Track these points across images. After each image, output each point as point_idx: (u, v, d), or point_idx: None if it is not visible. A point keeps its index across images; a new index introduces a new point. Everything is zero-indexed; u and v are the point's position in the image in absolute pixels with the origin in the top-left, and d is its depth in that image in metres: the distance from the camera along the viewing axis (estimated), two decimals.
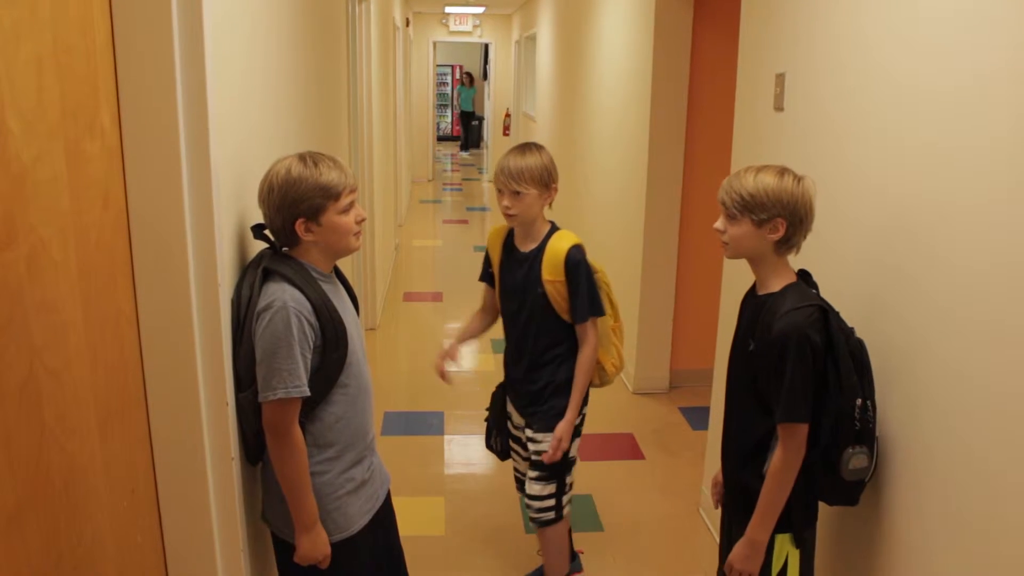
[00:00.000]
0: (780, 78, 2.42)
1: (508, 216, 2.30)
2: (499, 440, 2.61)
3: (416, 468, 3.56)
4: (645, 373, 4.39)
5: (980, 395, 1.53)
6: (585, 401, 2.43)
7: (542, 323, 2.34)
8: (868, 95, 1.94)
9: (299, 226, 1.67)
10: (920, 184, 1.73)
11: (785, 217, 1.73)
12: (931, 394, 1.68)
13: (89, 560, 1.27)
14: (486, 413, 2.64)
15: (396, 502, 2.03)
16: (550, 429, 2.34)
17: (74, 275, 1.23)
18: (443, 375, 2.55)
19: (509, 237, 2.43)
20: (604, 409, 4.22)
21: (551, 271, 2.28)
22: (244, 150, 1.80)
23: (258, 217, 1.79)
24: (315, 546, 1.73)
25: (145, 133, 1.43)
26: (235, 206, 1.72)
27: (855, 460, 1.72)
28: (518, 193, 2.25)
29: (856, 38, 2.00)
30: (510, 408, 2.55)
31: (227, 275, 1.63)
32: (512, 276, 2.38)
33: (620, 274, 4.64)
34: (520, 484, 2.61)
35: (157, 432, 1.55)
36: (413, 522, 3.05)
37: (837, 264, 2.09)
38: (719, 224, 1.83)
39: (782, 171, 1.77)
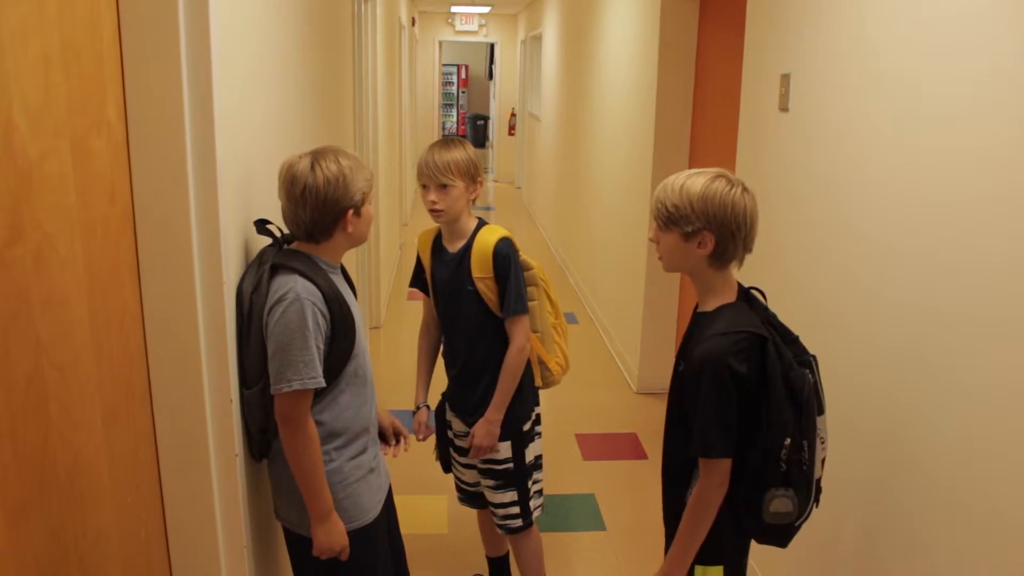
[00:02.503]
0: (785, 78, 2.42)
1: (435, 213, 2.21)
2: (437, 451, 2.53)
3: (418, 466, 3.55)
4: (648, 372, 4.39)
5: (984, 395, 1.53)
6: (536, 401, 2.37)
7: (477, 325, 2.26)
8: (872, 96, 1.94)
9: (349, 217, 1.70)
10: (923, 184, 1.73)
11: (712, 230, 1.58)
12: (937, 395, 1.68)
13: (93, 554, 1.28)
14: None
15: (399, 500, 2.04)
16: (502, 436, 2.28)
17: (80, 271, 1.24)
18: (423, 438, 2.50)
19: (438, 239, 2.36)
20: (607, 409, 4.22)
21: (480, 267, 2.20)
22: (250, 147, 1.81)
23: (263, 212, 1.80)
24: (331, 537, 1.73)
25: (151, 130, 1.44)
26: (240, 203, 1.73)
27: (777, 503, 1.56)
28: (444, 187, 2.16)
29: (860, 39, 2.00)
30: (450, 416, 2.46)
31: (232, 271, 1.64)
32: (442, 278, 2.31)
33: (624, 273, 4.65)
34: (466, 497, 2.52)
35: (161, 428, 1.55)
36: (416, 520, 3.06)
37: (839, 264, 2.09)
38: (651, 234, 1.70)
39: (714, 177, 1.59)
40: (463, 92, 18.48)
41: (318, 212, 1.68)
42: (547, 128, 8.75)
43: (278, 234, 1.78)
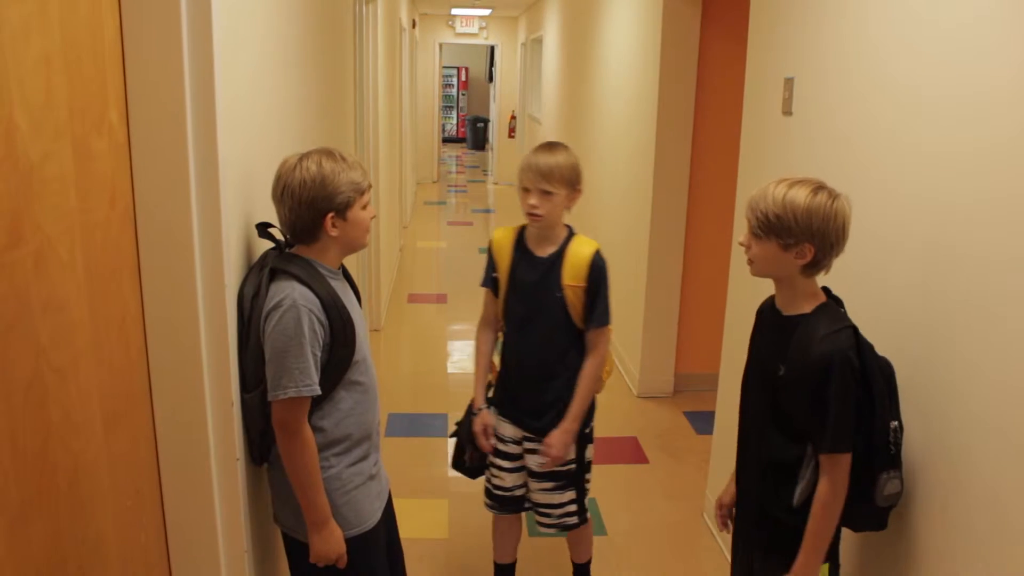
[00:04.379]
0: (788, 82, 2.41)
1: (533, 217, 2.19)
2: (474, 456, 2.44)
3: (420, 470, 3.55)
4: (650, 377, 4.38)
5: (1002, 400, 1.52)
6: (593, 407, 2.37)
7: (557, 329, 2.26)
8: (875, 100, 1.93)
9: (328, 221, 1.67)
10: (927, 188, 1.72)
11: (814, 243, 1.61)
12: (944, 400, 1.67)
13: (93, 559, 1.27)
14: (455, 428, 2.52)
15: (399, 504, 2.03)
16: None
17: (81, 274, 1.23)
18: (491, 446, 2.40)
19: (520, 240, 2.32)
20: (608, 413, 4.21)
21: (573, 275, 2.21)
22: (251, 149, 1.80)
23: (264, 216, 1.79)
24: (329, 544, 1.72)
25: (153, 131, 1.43)
26: (242, 205, 1.72)
27: (890, 486, 1.65)
28: (548, 193, 2.15)
29: (863, 43, 1.99)
30: (498, 420, 2.40)
31: (234, 274, 1.63)
32: (530, 279, 2.27)
33: (625, 277, 4.63)
34: (500, 502, 2.44)
35: (162, 432, 1.54)
36: (416, 524, 3.04)
37: (841, 267, 2.08)
38: (743, 239, 1.71)
39: (816, 188, 1.61)
40: (463, 94, 18.49)
41: (294, 213, 1.68)
42: (547, 131, 8.75)
43: (280, 238, 1.77)
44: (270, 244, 1.78)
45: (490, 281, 2.39)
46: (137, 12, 1.39)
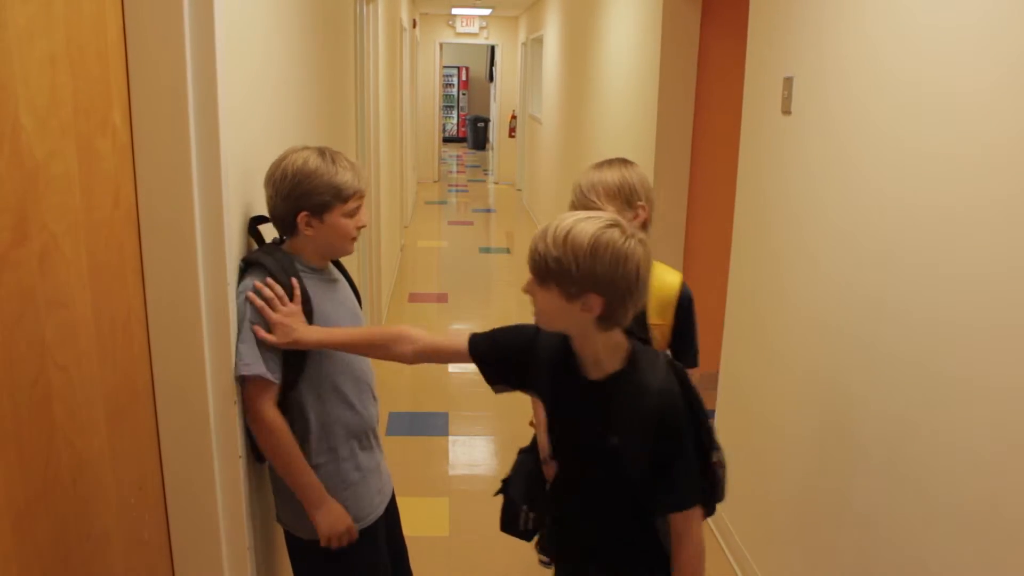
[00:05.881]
0: (788, 82, 2.42)
1: None
2: (532, 518, 1.91)
3: (420, 469, 3.56)
4: None
5: (984, 396, 1.53)
6: None
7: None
8: (875, 100, 1.94)
9: (301, 219, 1.67)
10: (926, 188, 1.73)
11: (601, 293, 1.34)
12: (940, 404, 1.68)
13: (97, 556, 1.28)
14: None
15: (400, 502, 2.04)
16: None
17: (85, 272, 1.24)
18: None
19: None
20: None
21: (659, 312, 1.88)
22: (254, 149, 1.81)
23: (266, 214, 1.80)
24: (333, 519, 1.72)
25: (156, 131, 1.44)
26: (244, 204, 1.73)
27: (718, 457, 1.53)
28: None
29: (863, 43, 2.00)
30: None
31: (235, 273, 1.64)
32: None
33: None
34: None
35: (165, 429, 1.55)
36: (417, 523, 3.05)
37: (841, 267, 2.09)
38: (525, 285, 1.42)
39: (608, 225, 1.34)
40: (463, 94, 18.50)
41: (272, 202, 1.70)
42: (548, 130, 8.76)
43: (273, 225, 1.77)
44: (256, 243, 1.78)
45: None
46: (140, 13, 1.39)
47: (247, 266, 1.68)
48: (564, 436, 1.59)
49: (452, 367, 4.75)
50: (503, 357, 1.59)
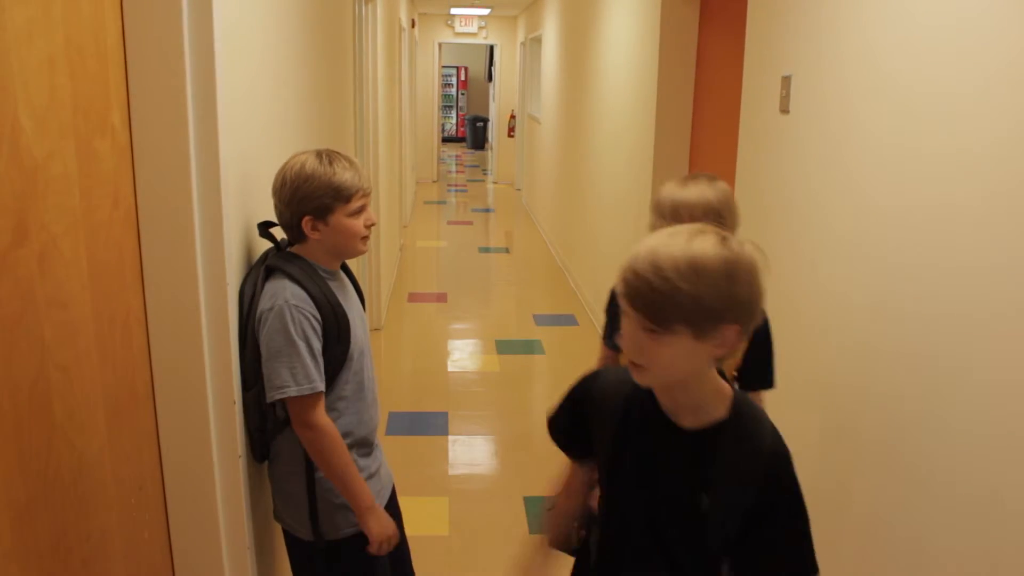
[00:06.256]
0: (786, 80, 2.43)
1: None
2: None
3: (420, 468, 3.57)
4: None
5: (984, 396, 1.53)
6: None
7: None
8: (873, 99, 1.95)
9: (306, 223, 1.67)
10: (924, 187, 1.73)
11: (739, 320, 1.12)
12: (940, 400, 1.68)
13: (97, 556, 1.28)
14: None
15: (400, 502, 2.04)
16: None
17: (84, 273, 1.24)
18: None
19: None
20: None
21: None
22: (252, 149, 1.81)
23: (265, 215, 1.80)
24: (384, 524, 1.75)
25: (155, 132, 1.44)
26: (243, 205, 1.73)
27: None
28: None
29: (861, 42, 2.01)
30: None
31: (235, 274, 1.64)
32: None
33: None
34: None
35: (164, 429, 1.56)
36: (417, 522, 3.06)
37: (840, 266, 2.09)
38: (632, 340, 1.15)
39: (721, 238, 1.12)
40: (462, 94, 18.49)
41: (278, 210, 1.71)
42: (547, 130, 8.76)
43: (280, 236, 1.78)
44: (271, 243, 1.79)
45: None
46: (139, 14, 1.40)
47: (269, 272, 1.68)
48: (632, 497, 1.30)
49: (451, 367, 4.76)
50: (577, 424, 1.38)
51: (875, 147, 1.94)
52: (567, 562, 1.58)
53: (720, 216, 1.61)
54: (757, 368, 1.66)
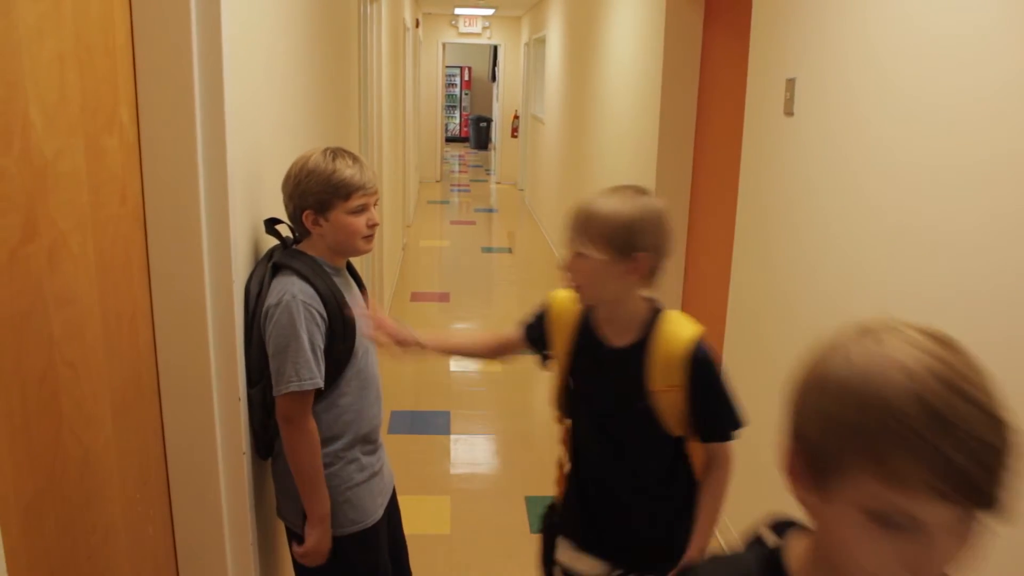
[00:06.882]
0: (790, 83, 2.43)
1: (573, 288, 1.61)
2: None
3: (422, 467, 3.57)
4: None
5: None
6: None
7: (642, 447, 1.63)
8: (877, 102, 1.95)
9: (307, 217, 1.70)
10: (927, 190, 1.74)
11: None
12: None
13: (102, 550, 1.29)
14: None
15: (401, 501, 2.05)
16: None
17: (92, 269, 1.25)
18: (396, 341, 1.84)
19: (586, 317, 1.67)
20: None
21: (664, 377, 1.55)
22: (259, 147, 1.82)
23: (271, 212, 1.81)
24: (321, 542, 1.74)
25: (162, 130, 1.45)
26: (250, 202, 1.74)
27: None
28: (581, 255, 1.54)
29: (866, 46, 2.01)
30: (571, 557, 1.73)
31: (241, 270, 1.65)
32: (594, 383, 1.66)
33: None
34: None
35: (170, 425, 1.57)
36: (418, 521, 3.07)
37: (843, 268, 2.09)
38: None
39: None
40: (466, 94, 18.50)
41: (290, 205, 1.73)
42: (550, 130, 8.76)
43: (286, 234, 1.79)
44: (277, 240, 1.80)
45: (534, 342, 1.82)
46: (148, 12, 1.41)
47: (276, 269, 1.70)
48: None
49: (454, 366, 4.77)
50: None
51: (878, 150, 1.94)
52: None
53: (631, 233, 1.50)
54: (708, 421, 1.58)
